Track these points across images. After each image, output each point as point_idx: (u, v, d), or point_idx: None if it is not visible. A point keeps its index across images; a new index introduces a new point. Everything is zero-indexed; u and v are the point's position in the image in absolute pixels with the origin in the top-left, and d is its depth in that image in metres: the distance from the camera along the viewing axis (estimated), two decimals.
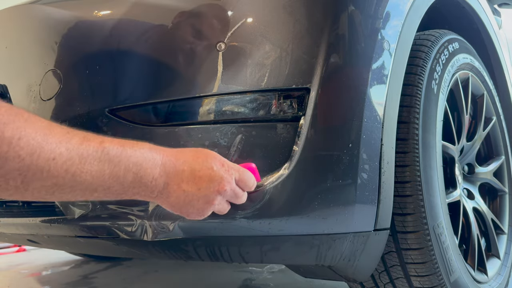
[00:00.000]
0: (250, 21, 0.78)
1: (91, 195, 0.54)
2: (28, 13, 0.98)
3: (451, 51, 1.08)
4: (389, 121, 0.82)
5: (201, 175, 0.61)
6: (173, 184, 0.60)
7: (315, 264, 0.82)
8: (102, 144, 0.54)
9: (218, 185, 0.62)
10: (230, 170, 0.64)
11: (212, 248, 0.78)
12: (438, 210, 0.90)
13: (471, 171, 1.28)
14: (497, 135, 1.35)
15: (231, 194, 0.65)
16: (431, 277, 0.88)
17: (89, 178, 0.52)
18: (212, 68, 0.76)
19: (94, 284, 1.66)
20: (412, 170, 0.86)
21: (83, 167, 0.52)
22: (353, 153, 0.75)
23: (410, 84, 0.92)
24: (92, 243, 0.95)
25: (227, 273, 1.71)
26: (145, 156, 0.57)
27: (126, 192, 0.57)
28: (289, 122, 0.74)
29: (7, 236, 1.18)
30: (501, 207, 1.33)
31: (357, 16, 0.80)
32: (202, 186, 0.61)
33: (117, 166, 0.54)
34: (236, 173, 0.65)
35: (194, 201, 0.62)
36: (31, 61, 0.91)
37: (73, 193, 0.53)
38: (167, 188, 0.60)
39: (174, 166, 0.60)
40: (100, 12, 0.87)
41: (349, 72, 0.77)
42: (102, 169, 0.53)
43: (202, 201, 0.62)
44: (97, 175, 0.53)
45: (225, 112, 0.76)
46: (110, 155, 0.54)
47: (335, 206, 0.75)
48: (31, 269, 2.06)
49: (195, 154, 0.63)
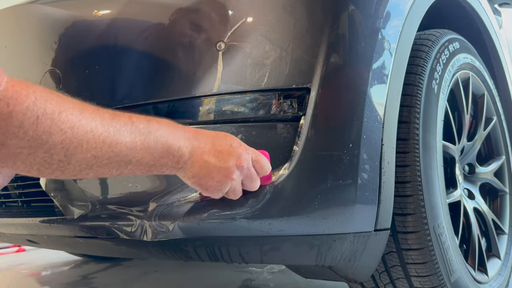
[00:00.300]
0: (250, 20, 0.77)
1: (126, 168, 0.58)
2: (27, 13, 0.98)
3: (452, 51, 1.08)
4: (389, 121, 0.82)
5: (221, 149, 0.65)
6: (196, 154, 0.63)
7: (315, 265, 0.82)
8: (131, 119, 0.58)
9: (236, 160, 0.65)
10: (247, 150, 0.67)
11: (212, 248, 0.78)
12: (438, 210, 0.90)
13: (472, 171, 1.27)
14: (498, 135, 1.35)
15: (247, 173, 0.67)
16: (432, 277, 0.88)
17: (124, 149, 0.56)
18: (212, 67, 0.76)
19: (93, 284, 1.66)
20: (413, 170, 0.86)
21: (118, 138, 0.55)
22: (353, 153, 0.75)
23: (410, 84, 0.92)
24: (92, 243, 0.95)
25: (227, 273, 1.71)
26: (169, 129, 0.61)
27: (156, 164, 0.60)
28: (289, 122, 0.74)
29: (7, 236, 1.18)
30: (502, 207, 1.32)
31: (357, 16, 0.79)
32: (223, 159, 0.64)
33: (147, 137, 0.58)
34: (253, 154, 0.68)
35: (215, 173, 0.64)
36: (31, 61, 0.91)
37: (110, 166, 0.56)
38: (191, 158, 0.63)
39: (196, 139, 0.64)
40: (99, 12, 0.87)
41: (349, 72, 0.77)
42: (134, 141, 0.57)
43: (222, 173, 0.65)
44: (131, 146, 0.57)
45: (225, 112, 0.75)
46: (139, 127, 0.58)
47: (335, 206, 0.74)
48: (31, 269, 2.05)
49: (215, 132, 0.67)
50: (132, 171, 0.59)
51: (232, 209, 0.71)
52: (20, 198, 1.04)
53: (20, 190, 1.03)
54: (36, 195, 0.99)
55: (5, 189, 1.04)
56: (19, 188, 1.03)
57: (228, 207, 0.71)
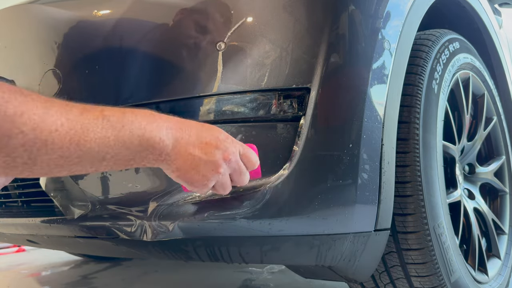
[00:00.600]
0: (250, 20, 0.77)
1: (101, 164, 0.55)
2: (27, 13, 0.98)
3: (452, 51, 1.08)
4: (389, 121, 0.82)
5: (207, 142, 0.61)
6: (180, 146, 0.60)
7: (315, 265, 0.82)
8: (103, 112, 0.54)
9: (223, 153, 0.62)
10: (234, 143, 0.65)
11: (212, 248, 0.78)
12: (438, 210, 0.90)
13: (472, 171, 1.27)
14: (498, 135, 1.35)
15: (235, 166, 0.65)
16: (432, 277, 0.88)
17: (95, 146, 0.53)
18: (212, 67, 0.76)
19: (93, 284, 1.66)
20: (413, 170, 0.86)
21: (87, 135, 0.52)
22: (353, 153, 0.75)
23: (410, 84, 0.92)
24: (92, 243, 0.95)
25: (227, 274, 1.71)
26: (148, 119, 0.58)
27: (135, 158, 0.57)
28: (289, 122, 0.74)
29: (7, 236, 1.18)
30: (502, 207, 1.32)
31: (357, 16, 0.79)
32: (209, 151, 0.61)
33: (121, 131, 0.55)
34: (240, 148, 0.65)
35: (201, 166, 0.61)
36: (31, 60, 0.91)
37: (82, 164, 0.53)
38: (175, 150, 0.59)
39: (180, 130, 0.60)
40: (99, 12, 0.87)
41: (349, 72, 0.77)
42: (106, 136, 0.53)
43: (209, 166, 0.62)
44: (102, 142, 0.53)
45: (225, 112, 0.75)
46: (111, 121, 0.54)
47: (335, 206, 0.74)
48: (31, 269, 2.05)
49: (200, 123, 0.64)
50: (109, 167, 0.56)
51: (232, 209, 0.71)
52: (20, 198, 1.04)
53: (20, 190, 1.03)
54: (36, 195, 0.99)
55: (5, 189, 1.04)
56: (19, 188, 1.03)
57: (228, 207, 0.71)
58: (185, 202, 0.74)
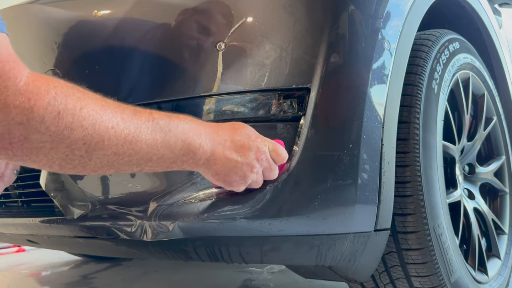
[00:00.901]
0: (250, 20, 0.77)
1: (146, 165, 0.58)
2: (27, 13, 0.98)
3: (452, 51, 1.08)
4: (389, 121, 0.82)
5: (241, 144, 0.65)
6: (218, 151, 0.63)
7: (315, 265, 0.82)
8: (152, 115, 0.58)
9: (256, 153, 0.66)
10: (264, 141, 0.68)
11: (212, 248, 0.78)
12: (438, 210, 0.90)
13: (472, 171, 1.27)
14: (498, 135, 1.35)
15: (266, 164, 0.68)
16: (432, 277, 0.88)
17: (145, 146, 0.56)
18: (212, 67, 0.76)
19: (93, 284, 1.66)
20: (413, 170, 0.86)
21: (138, 136, 0.55)
22: (353, 153, 0.75)
23: (410, 84, 0.92)
24: (92, 243, 0.95)
25: (227, 273, 1.71)
26: (190, 125, 0.61)
27: (177, 161, 0.60)
28: (289, 122, 0.74)
29: (7, 236, 1.18)
30: (502, 207, 1.32)
31: (357, 16, 0.79)
32: (244, 154, 0.65)
33: (167, 135, 0.58)
34: (270, 145, 0.68)
35: (238, 168, 0.65)
36: (30, 60, 0.91)
37: (130, 163, 0.56)
38: (213, 155, 0.63)
39: (217, 134, 0.64)
40: (99, 12, 0.87)
41: (349, 72, 0.77)
42: (155, 138, 0.57)
43: (245, 168, 0.65)
44: (151, 143, 0.56)
45: (225, 112, 0.75)
46: (160, 125, 0.58)
47: (335, 206, 0.74)
48: (31, 269, 2.05)
49: (232, 126, 0.67)
50: (152, 168, 0.59)
51: (232, 209, 0.71)
52: (20, 198, 1.04)
53: (20, 190, 1.03)
54: (36, 195, 0.99)
55: (5, 189, 1.04)
56: (19, 188, 1.03)
57: (228, 207, 0.71)
58: (185, 202, 0.74)
